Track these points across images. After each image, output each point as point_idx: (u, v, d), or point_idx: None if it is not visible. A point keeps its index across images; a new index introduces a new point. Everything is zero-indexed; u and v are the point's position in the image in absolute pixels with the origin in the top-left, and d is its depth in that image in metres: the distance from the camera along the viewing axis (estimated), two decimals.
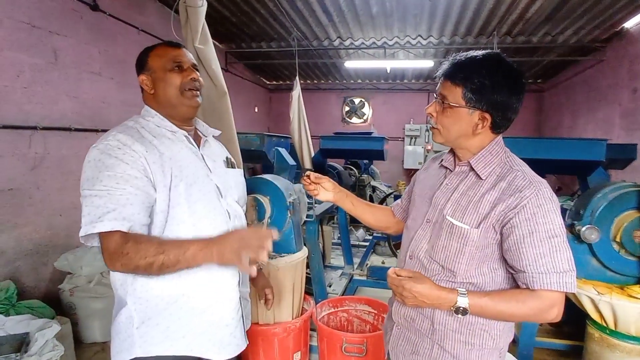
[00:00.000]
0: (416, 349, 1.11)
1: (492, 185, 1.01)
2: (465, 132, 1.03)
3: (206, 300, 1.14)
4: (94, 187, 1.00)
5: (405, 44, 5.80)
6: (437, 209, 1.09)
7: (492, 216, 0.97)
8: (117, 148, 1.03)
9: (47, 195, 3.00)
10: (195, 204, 1.11)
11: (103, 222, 0.97)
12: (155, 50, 1.19)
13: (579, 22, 4.61)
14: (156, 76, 1.17)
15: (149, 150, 1.07)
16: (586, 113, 5.86)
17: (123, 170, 1.01)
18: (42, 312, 2.44)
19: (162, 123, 1.17)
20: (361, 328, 2.53)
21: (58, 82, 3.07)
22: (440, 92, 1.04)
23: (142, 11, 4.13)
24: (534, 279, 0.93)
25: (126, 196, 1.00)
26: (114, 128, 1.11)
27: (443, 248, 1.05)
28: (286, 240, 2.28)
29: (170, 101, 1.17)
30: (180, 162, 1.12)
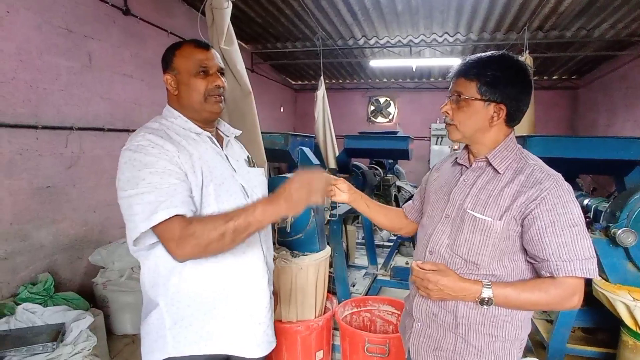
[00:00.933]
0: (439, 345, 1.12)
1: (511, 178, 1.04)
2: (481, 126, 1.07)
3: (240, 299, 1.15)
4: (138, 186, 0.99)
5: (431, 42, 5.70)
6: (455, 204, 1.12)
7: (514, 208, 1.01)
8: (150, 147, 1.03)
9: (82, 192, 3.14)
10: (223, 204, 1.10)
11: (159, 212, 0.96)
12: (182, 49, 1.16)
13: (616, 14, 4.38)
14: (180, 78, 1.15)
15: (180, 150, 1.06)
16: (624, 111, 5.57)
17: (163, 166, 1.01)
18: (77, 304, 2.56)
19: (185, 125, 1.16)
20: (384, 328, 2.51)
21: (92, 84, 3.20)
22: (455, 89, 1.09)
23: (171, 14, 4.26)
24: (558, 267, 0.96)
25: (173, 187, 1.00)
26: (139, 130, 1.11)
27: (466, 241, 1.07)
28: (309, 240, 2.29)
29: (193, 106, 1.16)
30: (209, 162, 1.12)
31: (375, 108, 9.12)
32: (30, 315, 2.25)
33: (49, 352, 2.00)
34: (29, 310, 2.29)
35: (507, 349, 1.08)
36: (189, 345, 1.08)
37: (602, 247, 1.81)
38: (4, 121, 2.49)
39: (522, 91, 1.05)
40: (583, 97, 7.45)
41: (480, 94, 1.05)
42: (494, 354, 1.08)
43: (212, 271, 1.10)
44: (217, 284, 1.10)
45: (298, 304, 2.20)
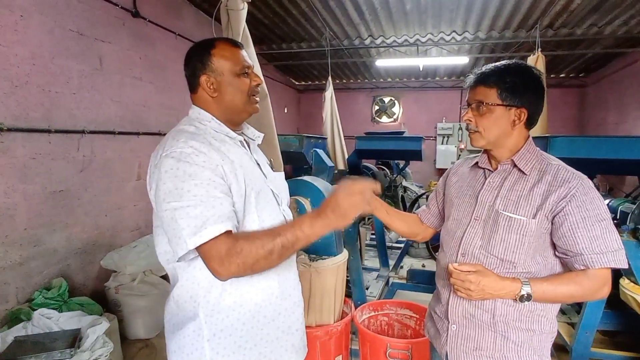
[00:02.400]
0: (478, 345, 1.14)
1: (538, 179, 1.10)
2: (504, 130, 1.12)
3: (278, 309, 1.13)
4: (182, 199, 0.93)
5: (438, 41, 5.66)
6: (484, 206, 1.16)
7: (546, 206, 1.06)
8: (195, 155, 0.97)
9: (94, 196, 3.12)
10: (262, 212, 1.08)
11: (207, 228, 0.91)
12: (220, 49, 1.10)
13: (629, 11, 4.33)
14: (223, 80, 1.09)
15: (223, 158, 1.01)
16: (636, 108, 5.51)
17: (208, 177, 0.96)
18: (91, 309, 2.54)
19: (219, 128, 1.11)
20: (402, 332, 2.47)
21: (103, 87, 3.18)
22: (475, 98, 1.14)
23: (180, 17, 4.23)
24: (592, 259, 1.01)
25: (219, 201, 0.96)
26: (175, 134, 1.04)
27: (501, 241, 1.10)
28: (327, 243, 2.25)
29: (237, 107, 1.12)
30: (246, 169, 1.08)
31: (380, 108, 9.08)
32: (46, 321, 2.24)
33: (67, 358, 1.99)
34: (45, 315, 2.28)
35: (543, 341, 1.14)
36: (227, 356, 1.05)
37: (631, 249, 1.78)
38: (18, 125, 2.48)
39: (539, 95, 1.12)
40: (591, 95, 7.39)
41: (501, 100, 1.10)
42: (532, 347, 1.12)
43: (253, 282, 1.08)
44: (255, 293, 1.08)
45: (317, 308, 2.16)
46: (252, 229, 1.05)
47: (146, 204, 3.75)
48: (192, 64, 1.11)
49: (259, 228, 1.06)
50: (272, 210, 1.12)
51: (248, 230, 1.03)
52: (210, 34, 4.74)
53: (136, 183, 3.60)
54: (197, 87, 1.11)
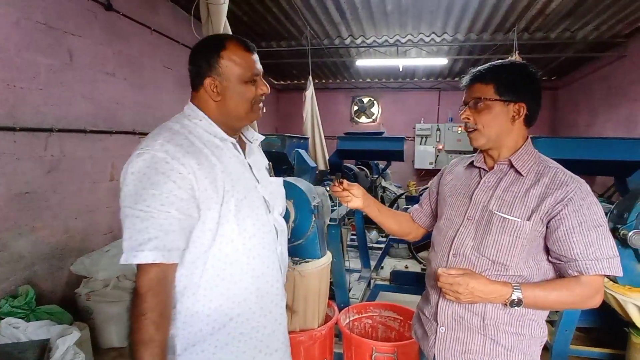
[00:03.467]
0: (467, 348, 1.11)
1: (535, 180, 1.07)
2: (504, 127, 1.10)
3: (257, 326, 1.06)
4: (135, 206, 0.90)
5: (418, 42, 5.70)
6: (478, 206, 1.13)
7: (542, 209, 1.03)
8: (165, 162, 0.92)
9: (63, 198, 2.96)
10: (244, 220, 1.02)
11: (144, 251, 0.88)
12: (231, 51, 1.02)
13: (601, 16, 4.48)
14: (229, 85, 1.03)
15: (200, 163, 0.96)
16: (605, 111, 5.73)
17: (169, 190, 0.91)
18: (60, 318, 2.40)
19: (210, 128, 1.04)
20: (386, 335, 2.45)
21: (73, 83, 3.02)
22: (472, 95, 1.12)
23: (156, 11, 4.08)
24: (587, 266, 0.99)
25: (170, 221, 0.91)
26: (159, 131, 0.99)
27: (494, 243, 1.08)
28: (311, 246, 2.21)
29: (239, 115, 1.06)
30: (232, 174, 1.02)
31: (359, 108, 9.11)
32: (14, 331, 2.10)
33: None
34: (12, 325, 2.14)
35: (532, 346, 1.12)
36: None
37: None
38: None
39: (537, 90, 1.11)
40: (563, 98, 7.64)
41: (499, 95, 1.08)
42: (522, 352, 1.10)
43: (229, 295, 1.01)
44: (232, 308, 1.02)
45: (300, 313, 2.11)
46: (230, 239, 1.00)
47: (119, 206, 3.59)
48: (198, 62, 1.04)
49: (239, 238, 1.01)
50: (258, 219, 1.06)
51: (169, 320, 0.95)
52: (187, 30, 4.59)
53: (109, 184, 3.44)
54: (199, 87, 1.05)
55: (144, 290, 0.89)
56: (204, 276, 0.98)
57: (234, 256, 1.01)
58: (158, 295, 0.90)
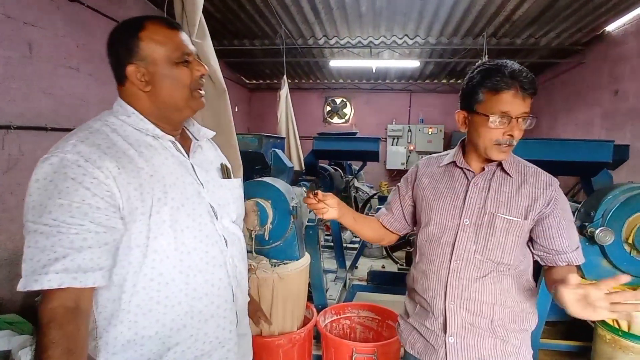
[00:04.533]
0: (480, 354, 1.10)
1: (522, 180, 1.10)
2: None
3: (200, 355, 0.94)
4: (39, 220, 0.74)
5: (391, 44, 5.78)
6: (474, 209, 1.11)
7: (535, 208, 1.07)
8: (77, 165, 0.77)
9: (22, 200, 2.74)
10: (182, 233, 0.88)
11: (48, 274, 0.72)
12: (151, 31, 0.87)
13: (562, 25, 4.72)
14: (157, 70, 0.88)
15: (121, 166, 0.81)
16: (565, 115, 6.03)
17: (81, 198, 0.76)
18: (21, 328, 2.25)
19: (140, 124, 0.89)
20: (364, 335, 2.45)
21: (33, 77, 2.83)
22: (526, 110, 1.03)
23: (122, 3, 3.91)
24: (574, 257, 1.08)
25: (83, 235, 0.76)
26: (75, 131, 0.85)
27: (499, 244, 1.08)
28: (289, 247, 2.17)
29: (177, 104, 0.91)
30: (165, 179, 0.88)
31: (332, 109, 9.13)
32: None
33: None
34: None
35: (530, 337, 1.17)
36: None
37: None
38: None
39: None
40: None
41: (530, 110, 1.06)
42: (527, 346, 1.15)
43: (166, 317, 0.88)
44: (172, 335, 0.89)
45: (279, 316, 2.07)
46: (166, 255, 0.86)
47: None
48: (115, 49, 0.89)
49: (176, 253, 0.87)
50: (201, 230, 0.92)
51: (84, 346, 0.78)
52: None
53: None
54: (123, 79, 0.90)
55: (45, 320, 0.73)
56: (134, 300, 0.84)
57: (170, 275, 0.86)
58: (62, 327, 0.73)
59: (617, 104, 4.64)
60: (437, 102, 8.70)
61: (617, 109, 4.63)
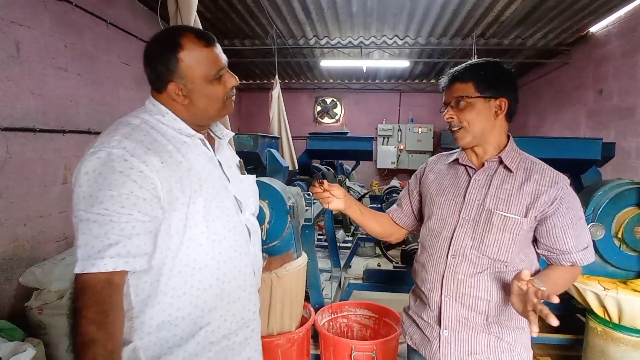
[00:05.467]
0: (473, 349, 1.11)
1: (526, 177, 1.10)
2: (488, 123, 1.12)
3: (228, 334, 1.01)
4: (92, 209, 0.81)
5: (381, 44, 5.82)
6: (473, 205, 1.13)
7: (537, 206, 1.06)
8: (124, 160, 0.84)
9: (10, 203, 2.71)
10: (214, 223, 0.96)
11: (104, 258, 0.80)
12: (188, 50, 0.93)
13: (548, 26, 4.81)
14: (195, 88, 0.95)
15: (164, 160, 0.89)
16: (552, 113, 6.15)
17: (129, 190, 0.83)
18: (12, 334, 2.20)
19: (175, 124, 0.96)
20: (362, 334, 2.47)
21: (21, 77, 2.77)
22: (454, 95, 1.13)
23: (111, 4, 3.85)
24: (579, 257, 1.08)
25: (132, 224, 0.83)
26: (116, 127, 0.91)
27: (496, 241, 1.09)
28: (286, 247, 2.17)
29: (210, 115, 1.00)
30: (199, 173, 0.96)
31: (322, 108, 9.15)
32: None
33: None
34: None
35: (528, 337, 1.15)
36: None
37: None
38: None
39: (514, 85, 1.14)
40: None
41: (479, 92, 1.10)
42: (523, 345, 1.13)
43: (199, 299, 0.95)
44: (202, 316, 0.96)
45: (278, 316, 2.07)
46: (199, 242, 0.94)
47: None
48: (155, 66, 0.95)
49: (208, 241, 0.95)
50: (229, 221, 1.00)
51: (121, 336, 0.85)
52: (146, 24, 4.39)
53: (62, 187, 3.19)
54: (162, 90, 0.97)
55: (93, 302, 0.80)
56: (170, 283, 0.91)
57: (203, 261, 0.94)
58: (96, 292, 0.81)
59: (601, 103, 4.76)
60: (427, 101, 8.78)
61: (602, 108, 4.75)
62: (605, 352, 1.87)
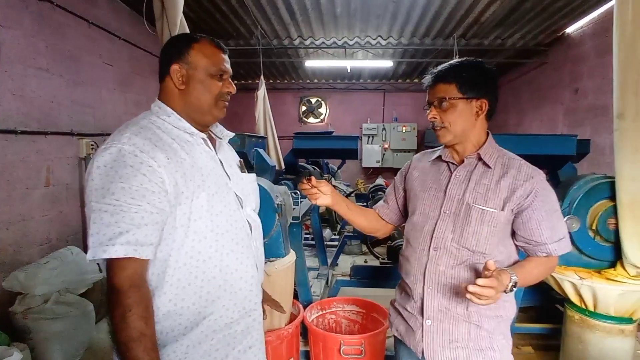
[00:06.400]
0: (454, 337, 1.16)
1: (504, 172, 1.15)
2: (469, 122, 1.16)
3: (230, 322, 1.05)
4: (103, 200, 0.87)
5: (365, 44, 5.89)
6: (453, 199, 1.18)
7: (513, 200, 1.11)
8: (134, 155, 0.90)
9: None
10: (217, 216, 1.02)
11: (114, 245, 0.85)
12: (202, 45, 1.05)
13: (526, 27, 4.96)
14: (194, 75, 1.04)
15: (170, 157, 0.95)
16: (531, 111, 6.33)
17: (139, 182, 0.89)
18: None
19: (179, 124, 1.04)
20: (350, 329, 2.52)
21: (1, 79, 2.72)
22: (436, 95, 1.17)
23: (94, 3, 3.80)
24: (554, 248, 1.13)
25: (141, 214, 0.88)
26: (125, 127, 0.98)
27: (474, 233, 1.14)
28: (275, 245, 2.20)
29: (202, 107, 1.06)
30: (202, 169, 1.02)
31: (307, 108, 9.19)
32: None
33: None
34: None
35: (507, 325, 1.21)
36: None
37: None
38: None
39: (495, 85, 1.19)
40: None
41: (462, 93, 1.14)
42: (502, 333, 1.18)
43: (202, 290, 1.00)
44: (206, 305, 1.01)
45: (267, 313, 2.09)
46: (203, 235, 0.99)
47: (58, 213, 3.30)
48: (168, 50, 1.06)
49: (212, 234, 1.00)
50: (231, 215, 1.06)
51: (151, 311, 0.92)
52: (129, 24, 4.35)
53: (45, 190, 3.15)
54: (165, 75, 1.05)
55: (126, 286, 0.87)
56: (176, 275, 0.96)
57: (207, 253, 1.00)
58: (140, 289, 0.89)
59: (577, 102, 4.93)
60: (410, 101, 8.91)
61: (578, 106, 4.92)
62: (582, 339, 1.97)
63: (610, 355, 1.85)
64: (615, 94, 1.83)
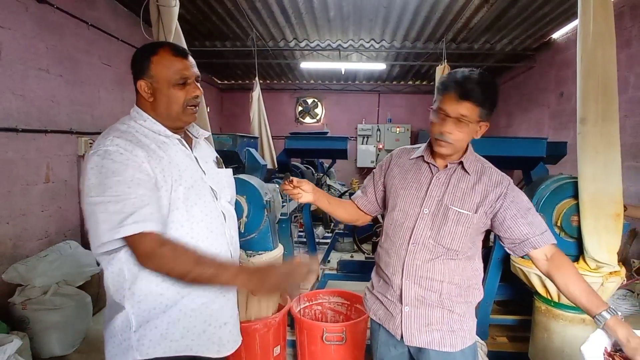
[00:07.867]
0: (429, 320, 1.28)
1: (478, 178, 1.25)
2: (469, 139, 1.23)
3: (206, 302, 1.16)
4: (104, 194, 0.99)
5: (358, 47, 6.02)
6: (433, 200, 1.27)
7: (486, 203, 1.22)
8: (119, 153, 1.02)
9: None
10: (192, 207, 1.13)
11: (125, 226, 0.97)
12: (160, 56, 1.12)
13: (514, 32, 5.10)
14: (158, 87, 1.12)
15: (149, 155, 1.07)
16: (520, 114, 6.48)
17: (131, 174, 1.01)
18: None
19: (154, 127, 1.15)
20: (335, 319, 2.65)
21: (2, 79, 2.83)
22: (460, 112, 1.15)
23: (92, 6, 3.91)
24: (538, 241, 1.20)
25: (141, 198, 1.00)
26: (106, 132, 1.09)
27: (450, 233, 1.24)
28: (263, 239, 2.33)
29: (171, 115, 1.15)
30: (179, 166, 1.13)
31: (303, 109, 9.31)
32: None
33: None
34: None
35: (474, 309, 1.34)
36: (153, 347, 1.09)
37: None
38: None
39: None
40: None
41: (480, 118, 1.18)
42: (470, 315, 1.32)
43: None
44: (183, 286, 1.11)
45: (255, 303, 2.23)
46: (180, 224, 1.10)
47: (57, 208, 3.41)
48: (134, 66, 1.15)
49: (188, 223, 1.11)
50: (206, 205, 1.17)
51: (183, 242, 1.08)
52: (127, 26, 4.46)
53: (44, 186, 3.26)
54: (136, 89, 1.16)
55: (151, 250, 1.01)
56: None
57: (183, 240, 1.09)
58: (165, 244, 1.02)
59: (562, 105, 5.08)
60: (404, 102, 9.05)
61: (563, 109, 5.07)
62: (548, 328, 2.10)
63: (573, 342, 1.99)
64: (579, 101, 1.96)
